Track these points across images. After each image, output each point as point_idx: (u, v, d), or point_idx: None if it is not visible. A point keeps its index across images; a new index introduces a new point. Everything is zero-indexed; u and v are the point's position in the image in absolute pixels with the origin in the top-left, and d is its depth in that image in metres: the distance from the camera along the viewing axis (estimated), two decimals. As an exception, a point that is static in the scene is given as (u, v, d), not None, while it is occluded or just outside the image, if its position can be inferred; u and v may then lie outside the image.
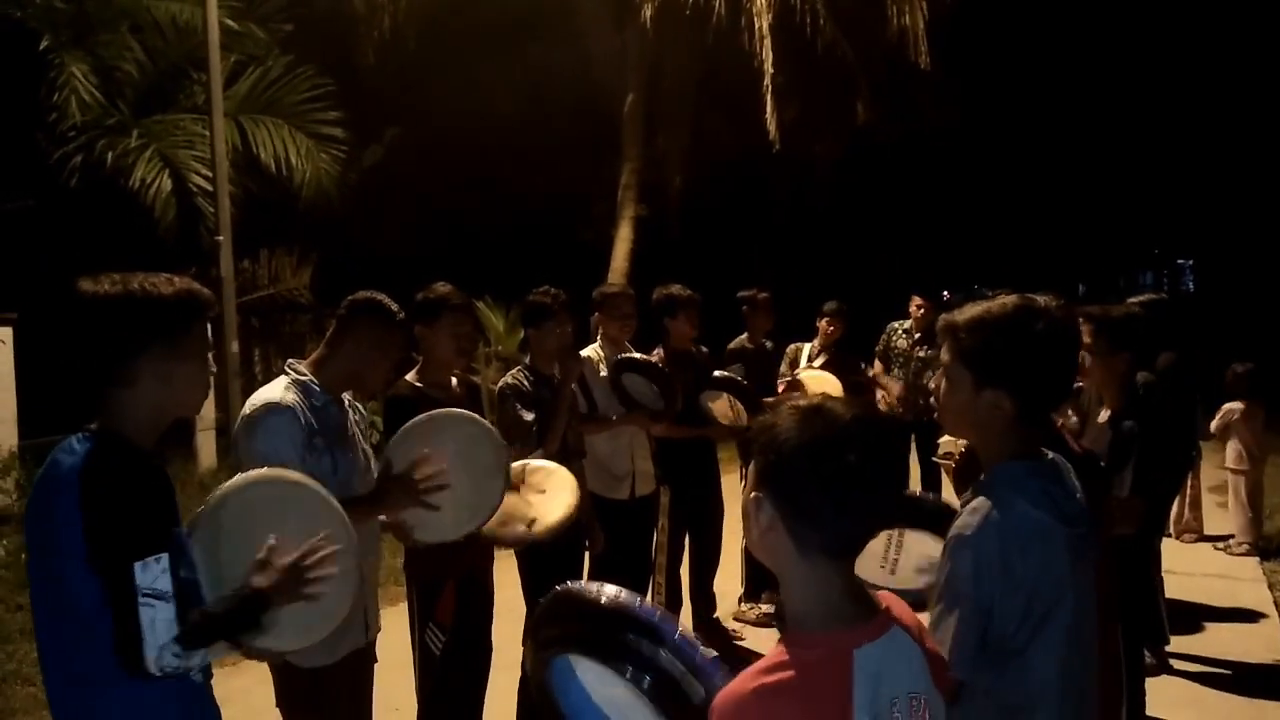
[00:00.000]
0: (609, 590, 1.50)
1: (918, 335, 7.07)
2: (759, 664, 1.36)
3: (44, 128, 10.47)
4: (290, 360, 2.95)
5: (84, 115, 10.43)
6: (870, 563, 2.00)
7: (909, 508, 2.43)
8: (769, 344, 6.15)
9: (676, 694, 1.41)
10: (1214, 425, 7.34)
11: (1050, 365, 1.93)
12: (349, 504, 2.55)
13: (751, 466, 1.48)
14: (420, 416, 3.01)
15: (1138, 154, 26.15)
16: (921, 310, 7.62)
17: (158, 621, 1.81)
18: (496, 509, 3.07)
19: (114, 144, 10.66)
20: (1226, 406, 7.40)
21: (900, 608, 1.50)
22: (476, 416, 3.17)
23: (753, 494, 1.43)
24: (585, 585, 1.54)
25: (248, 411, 2.76)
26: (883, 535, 1.86)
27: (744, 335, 6.13)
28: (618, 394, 4.67)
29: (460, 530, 2.99)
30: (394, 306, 2.99)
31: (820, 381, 5.98)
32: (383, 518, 2.90)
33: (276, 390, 2.81)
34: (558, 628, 1.54)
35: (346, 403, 2.99)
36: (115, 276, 1.95)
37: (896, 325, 7.64)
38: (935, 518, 2.27)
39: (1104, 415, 3.91)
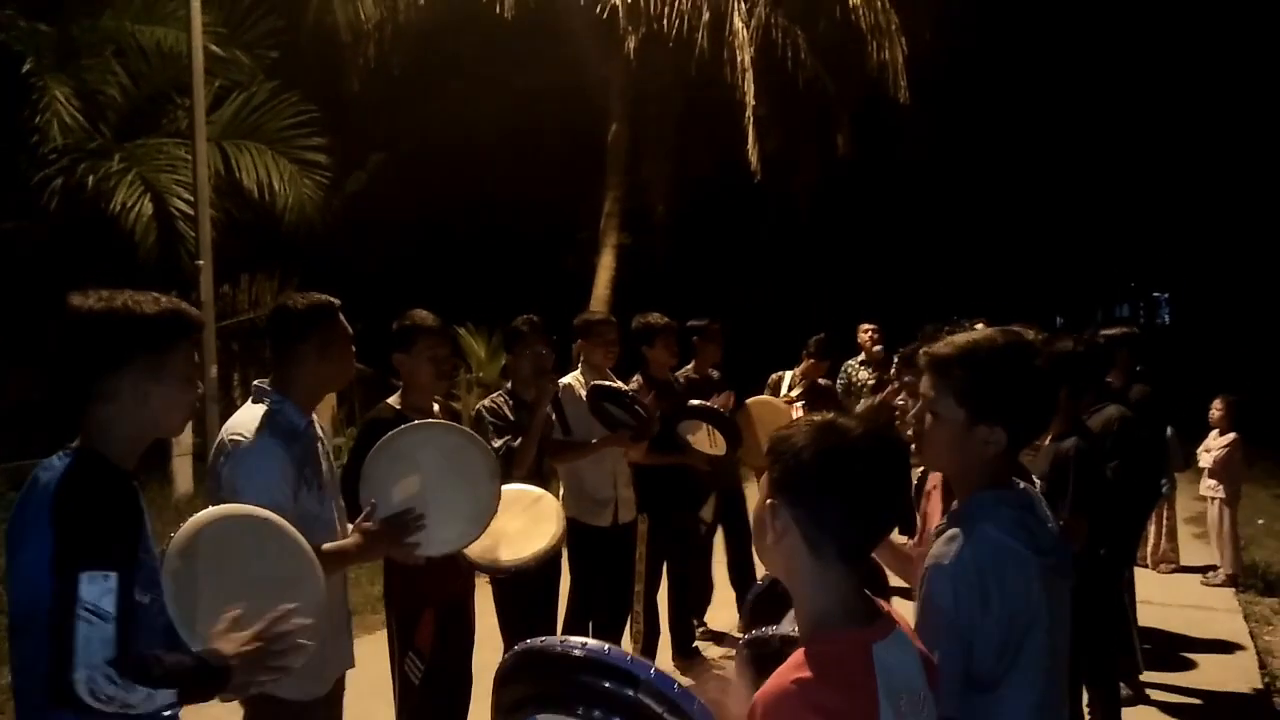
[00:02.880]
0: (575, 641, 1.48)
1: (874, 363, 7.17)
2: (790, 661, 1.44)
3: (25, 150, 10.43)
4: (258, 383, 2.78)
5: (65, 138, 10.39)
6: None
7: None
8: (715, 374, 6.07)
9: None
10: (1214, 457, 7.34)
11: (1042, 398, 1.96)
12: (333, 557, 2.54)
13: (764, 476, 1.56)
14: (397, 430, 2.97)
15: (1115, 188, 26.50)
16: (869, 334, 7.74)
17: (93, 640, 1.74)
18: (495, 512, 3.03)
19: (95, 167, 10.62)
20: (1229, 438, 7.34)
21: (896, 611, 1.59)
22: (455, 425, 3.17)
23: (769, 501, 1.51)
24: (548, 640, 1.52)
25: (233, 441, 2.59)
26: None
27: (690, 365, 5.95)
28: (599, 418, 4.67)
29: (464, 540, 2.97)
30: (327, 300, 2.83)
31: (766, 407, 5.96)
32: None
33: (256, 418, 2.64)
34: (523, 687, 1.51)
35: (316, 425, 2.87)
36: (104, 293, 1.95)
37: (852, 362, 7.78)
38: None
39: (1048, 439, 3.98)
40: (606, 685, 1.41)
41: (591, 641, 1.48)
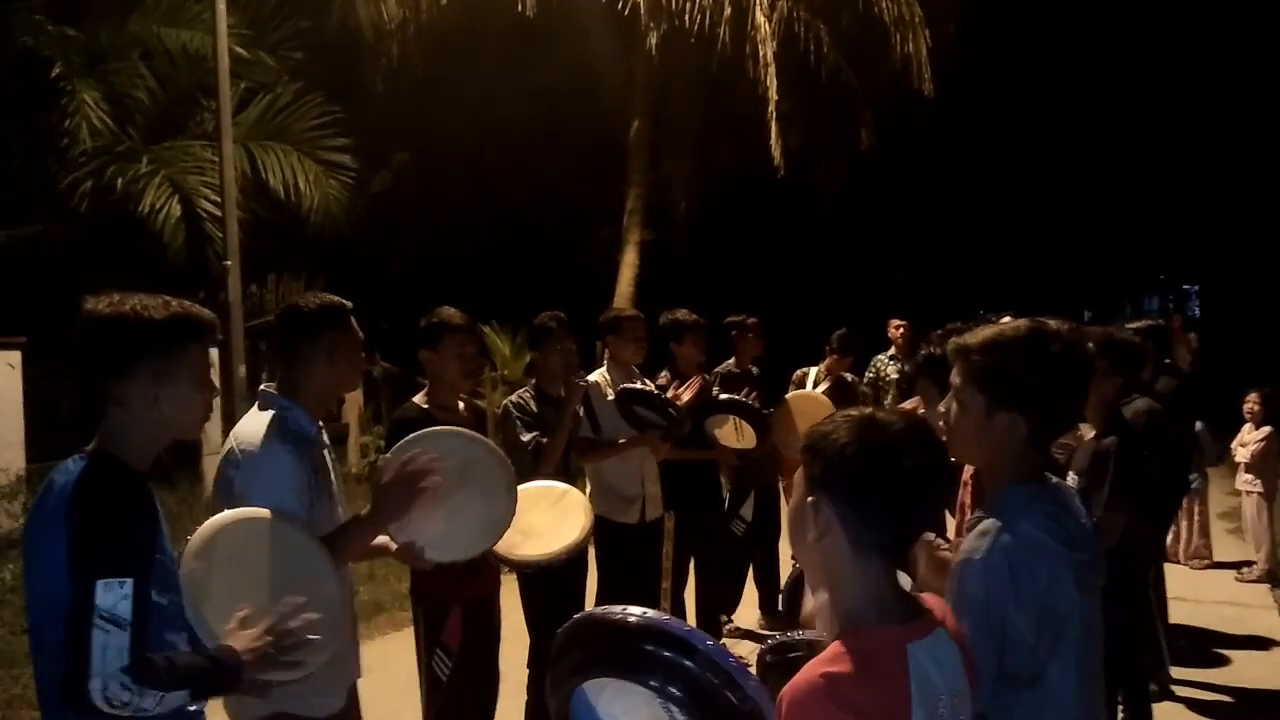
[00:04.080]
0: (634, 610, 1.51)
1: (904, 358, 7.12)
2: (822, 655, 1.42)
3: (55, 153, 10.57)
4: (264, 387, 2.67)
5: (95, 141, 10.52)
6: None
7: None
8: (755, 369, 6.09)
9: (717, 704, 1.41)
10: (1249, 451, 7.25)
11: (1063, 388, 1.93)
12: (344, 533, 2.51)
13: (799, 473, 1.54)
14: (421, 431, 2.93)
15: (1144, 180, 26.17)
16: (900, 330, 7.71)
17: (109, 649, 1.75)
18: (508, 526, 3.00)
19: (124, 170, 10.73)
20: (1264, 432, 7.24)
21: (942, 609, 1.57)
22: (477, 435, 3.10)
23: (809, 499, 1.49)
24: (608, 608, 1.55)
25: (244, 451, 2.49)
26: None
27: (730, 360, 6.06)
28: (628, 420, 4.66)
29: (474, 549, 2.90)
30: (338, 302, 2.72)
31: (807, 401, 5.92)
32: (393, 545, 2.74)
33: (264, 425, 2.54)
34: (579, 653, 1.53)
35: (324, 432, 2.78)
36: (115, 296, 1.96)
37: (882, 357, 7.75)
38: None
39: (1088, 435, 3.94)
40: (664, 653, 1.43)
41: (650, 611, 1.49)
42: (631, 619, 1.48)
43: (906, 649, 1.43)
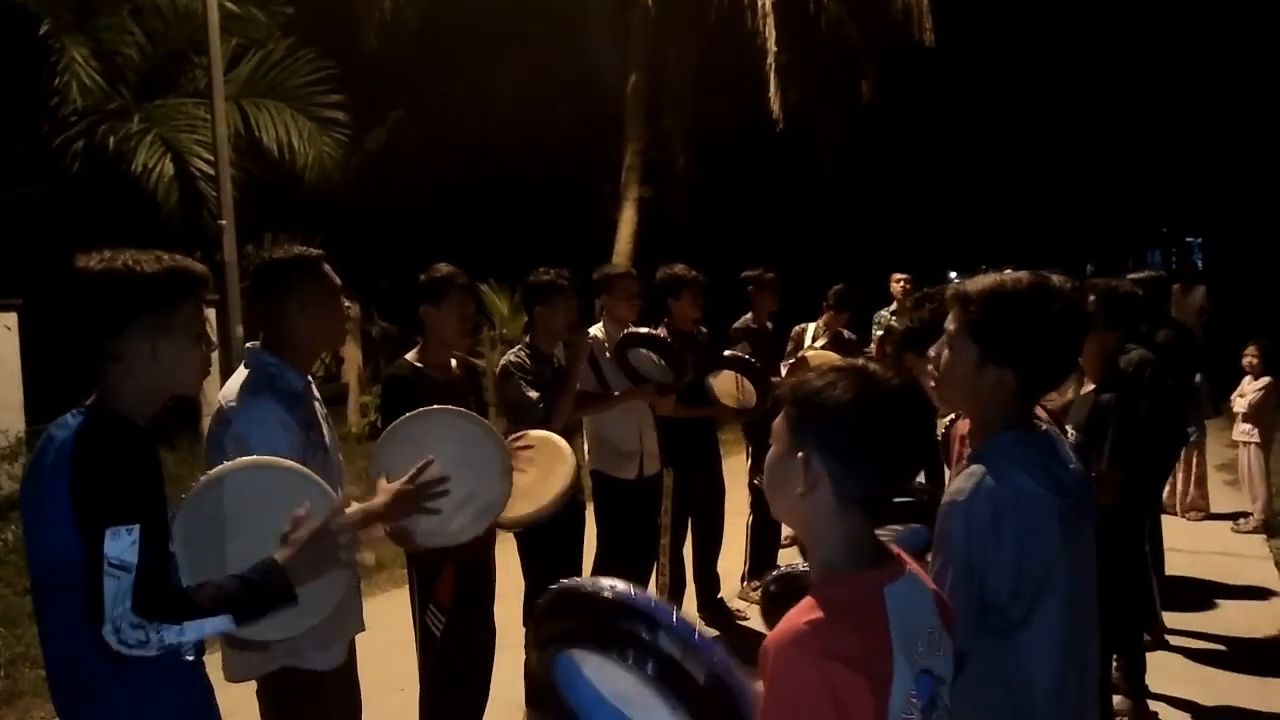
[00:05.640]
0: (605, 582, 1.51)
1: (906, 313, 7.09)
2: (803, 603, 1.43)
3: (46, 113, 10.45)
4: (251, 345, 2.65)
5: (85, 100, 10.40)
6: None
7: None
8: (770, 325, 6.12)
9: (680, 675, 1.42)
10: (1248, 402, 7.26)
11: (1058, 347, 1.92)
12: (359, 517, 2.44)
13: (785, 427, 1.52)
14: (414, 413, 2.89)
15: (1145, 132, 25.94)
16: (901, 284, 7.68)
17: (119, 594, 1.78)
18: (500, 511, 2.98)
19: (116, 129, 10.62)
20: (1263, 382, 7.24)
21: (907, 556, 1.58)
22: (475, 415, 3.04)
23: (798, 454, 1.48)
24: (583, 580, 1.57)
25: (232, 408, 2.48)
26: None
27: (748, 315, 6.11)
28: (624, 369, 4.64)
29: (464, 535, 2.88)
30: (308, 251, 2.71)
31: (826, 360, 5.93)
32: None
33: (255, 382, 2.54)
34: (558, 623, 1.55)
35: (313, 386, 2.77)
36: (107, 253, 1.96)
37: (884, 312, 7.73)
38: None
39: (1086, 388, 3.93)
40: (635, 630, 1.44)
41: (620, 584, 1.50)
42: (607, 594, 1.48)
43: (883, 592, 1.45)
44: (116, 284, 1.92)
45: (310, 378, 2.71)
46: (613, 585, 1.50)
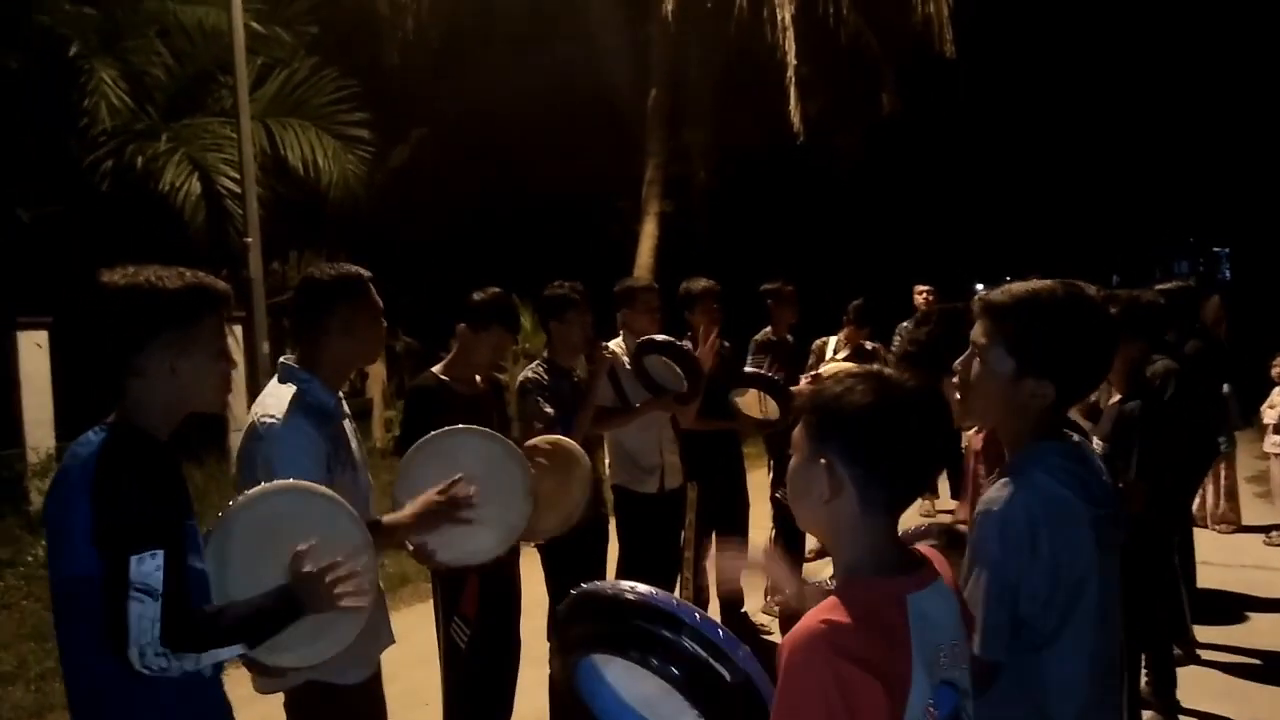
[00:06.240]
0: (627, 585, 1.52)
1: None
2: (822, 605, 1.41)
3: (75, 133, 10.62)
4: (284, 359, 2.66)
5: (114, 120, 10.54)
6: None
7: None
8: (791, 338, 6.10)
9: (706, 677, 1.42)
10: (1278, 413, 7.16)
11: (1096, 355, 1.90)
12: (375, 529, 2.48)
13: (806, 435, 1.52)
14: (439, 431, 2.90)
15: (1172, 141, 25.72)
16: (924, 296, 7.63)
17: (144, 618, 1.79)
18: (521, 531, 2.98)
19: (144, 148, 10.77)
20: None
21: (939, 561, 1.56)
22: (498, 435, 3.05)
23: (820, 461, 1.47)
24: (604, 583, 1.58)
25: (264, 424, 2.49)
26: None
27: (768, 328, 6.09)
28: (641, 380, 4.60)
29: (487, 555, 2.88)
30: (356, 271, 2.69)
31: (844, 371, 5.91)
32: (408, 545, 2.76)
33: (286, 398, 2.54)
34: (580, 628, 1.55)
35: (344, 403, 2.77)
36: (130, 269, 1.97)
37: (907, 324, 7.69)
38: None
39: (1113, 399, 3.90)
40: (658, 631, 1.44)
41: (642, 586, 1.50)
42: (629, 596, 1.48)
43: (906, 599, 1.43)
44: (139, 300, 1.93)
45: (340, 395, 2.71)
46: (634, 587, 1.51)
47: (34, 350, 8.49)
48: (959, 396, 1.99)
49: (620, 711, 1.55)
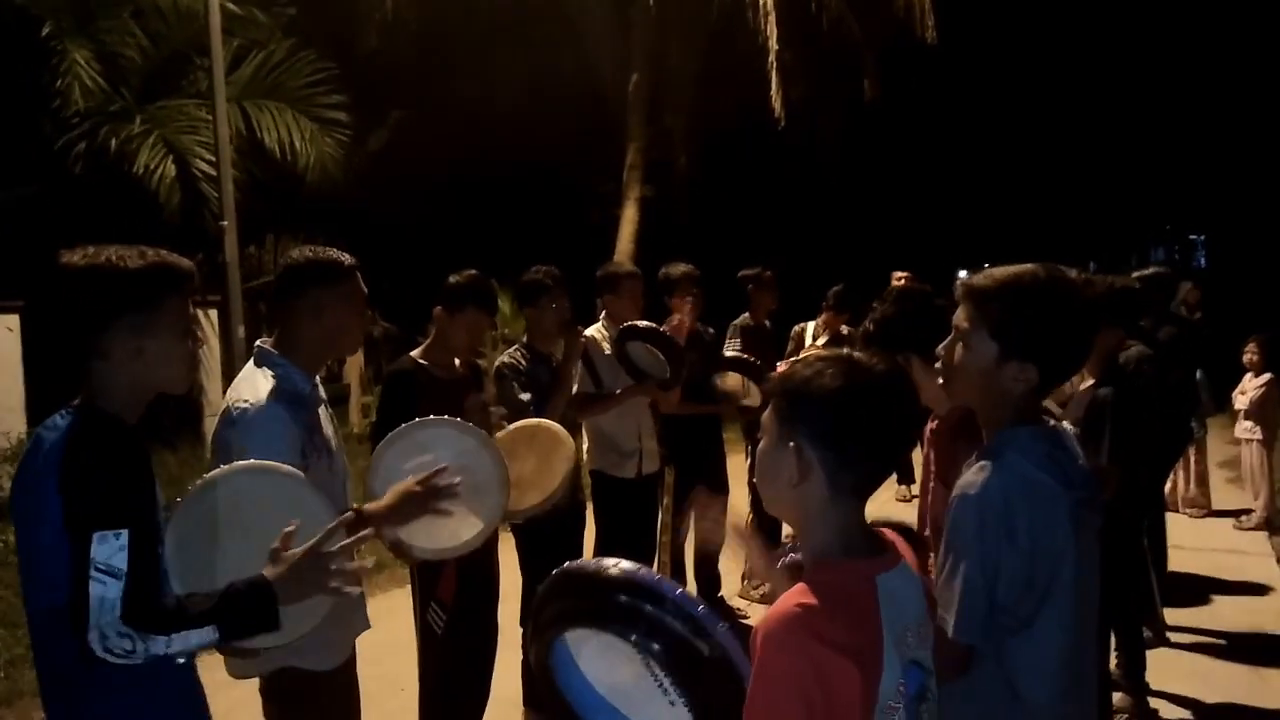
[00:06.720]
0: (609, 561, 1.53)
1: None
2: (794, 589, 1.43)
3: (48, 115, 10.46)
4: (260, 342, 2.61)
5: (87, 102, 10.39)
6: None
7: None
8: (769, 323, 6.12)
9: (686, 651, 1.43)
10: (1249, 399, 7.25)
11: (1079, 339, 1.91)
12: (357, 519, 2.43)
13: (775, 418, 1.52)
14: (414, 422, 2.87)
15: (1149, 129, 25.88)
16: (902, 281, 7.67)
17: (106, 600, 1.76)
18: (497, 523, 2.95)
19: (117, 130, 10.63)
20: (1264, 379, 7.23)
21: (902, 544, 1.58)
22: (474, 427, 3.01)
23: (788, 444, 1.47)
24: (586, 561, 1.58)
25: (239, 409, 2.44)
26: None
27: (747, 314, 6.11)
28: (623, 365, 4.60)
29: (463, 547, 2.85)
30: (336, 256, 2.62)
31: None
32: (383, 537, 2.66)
33: (260, 383, 2.50)
34: (560, 604, 1.55)
35: (320, 388, 2.71)
36: (91, 249, 1.93)
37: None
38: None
39: (1085, 384, 3.93)
40: (639, 605, 1.45)
41: (624, 562, 1.51)
42: (612, 571, 1.49)
43: (875, 581, 1.45)
44: (100, 280, 1.89)
45: (317, 380, 2.67)
46: (616, 563, 1.52)
47: (4, 334, 8.40)
48: (942, 381, 2.00)
49: (592, 701, 1.55)
